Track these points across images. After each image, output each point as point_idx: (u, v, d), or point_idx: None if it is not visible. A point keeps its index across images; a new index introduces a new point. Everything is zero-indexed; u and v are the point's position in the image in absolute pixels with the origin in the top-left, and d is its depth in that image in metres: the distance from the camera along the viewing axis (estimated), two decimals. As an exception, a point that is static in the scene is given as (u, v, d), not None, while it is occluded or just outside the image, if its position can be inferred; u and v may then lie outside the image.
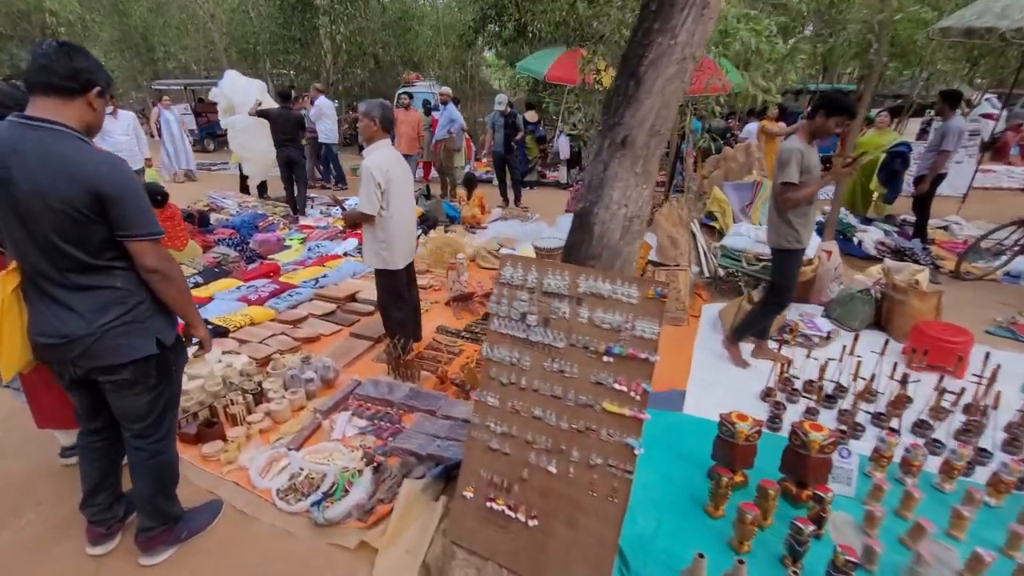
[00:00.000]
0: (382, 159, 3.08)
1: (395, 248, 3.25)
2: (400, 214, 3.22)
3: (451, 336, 4.00)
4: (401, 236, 3.26)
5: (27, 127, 1.54)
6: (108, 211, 1.57)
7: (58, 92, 1.56)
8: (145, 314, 1.75)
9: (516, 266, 2.01)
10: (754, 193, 5.84)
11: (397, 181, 3.15)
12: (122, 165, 1.62)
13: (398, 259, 3.30)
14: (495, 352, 2.04)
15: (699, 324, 4.15)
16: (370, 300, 4.47)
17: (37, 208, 1.53)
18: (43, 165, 1.51)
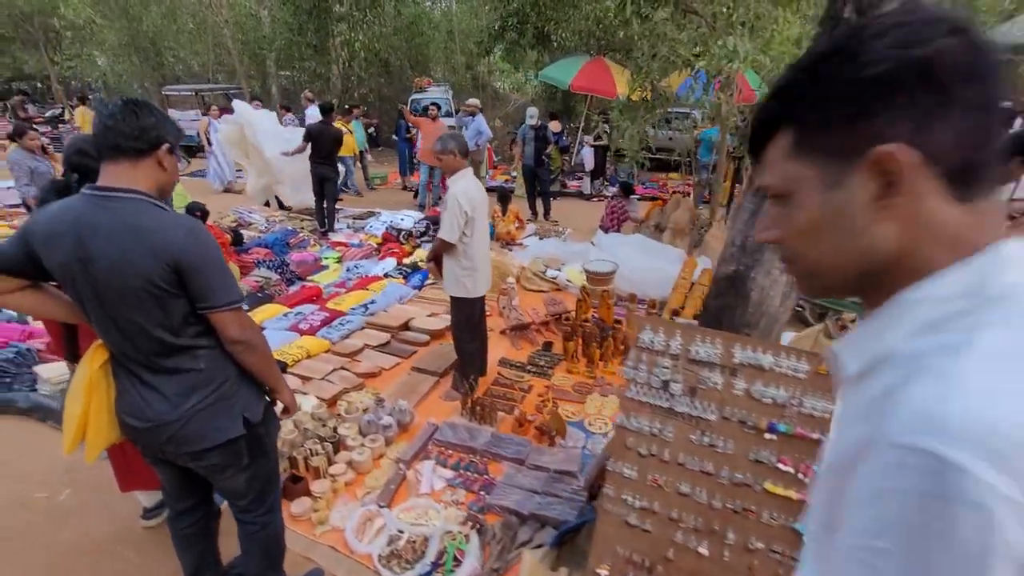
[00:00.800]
0: (468, 187, 3.09)
1: (478, 275, 3.23)
2: (482, 241, 3.22)
3: (516, 370, 3.86)
4: (483, 262, 3.25)
5: (100, 199, 1.41)
6: (188, 282, 1.44)
7: (126, 154, 1.43)
8: (230, 391, 1.62)
9: (658, 331, 1.89)
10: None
11: (480, 208, 3.15)
12: (200, 230, 1.48)
13: (480, 286, 3.27)
14: (632, 421, 1.92)
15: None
16: (424, 329, 4.33)
17: (116, 287, 1.42)
18: (119, 240, 1.39)
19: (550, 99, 13.53)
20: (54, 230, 1.43)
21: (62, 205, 1.47)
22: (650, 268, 4.95)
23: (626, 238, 5.60)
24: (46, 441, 3.07)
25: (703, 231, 5.51)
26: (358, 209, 8.69)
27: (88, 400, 1.59)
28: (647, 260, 5.10)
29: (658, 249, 5.28)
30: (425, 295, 5.12)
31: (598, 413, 3.36)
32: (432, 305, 4.86)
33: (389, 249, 6.14)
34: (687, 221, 5.54)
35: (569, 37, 10.27)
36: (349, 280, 5.49)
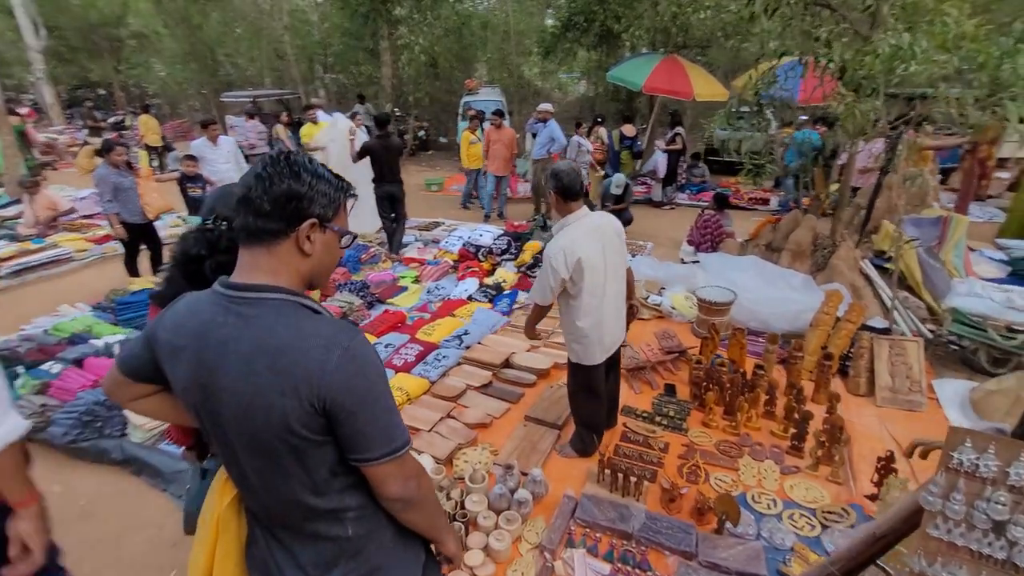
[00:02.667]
0: (571, 242, 2.54)
1: (589, 342, 2.71)
2: (597, 303, 2.65)
3: (643, 421, 3.37)
4: (596, 327, 2.69)
5: (231, 301, 1.01)
6: (339, 427, 1.01)
7: (259, 237, 1.02)
8: (383, 561, 1.18)
9: (985, 450, 1.36)
10: (942, 231, 5.01)
11: (592, 266, 2.58)
12: (359, 348, 1.02)
13: (594, 353, 2.75)
14: (939, 569, 1.40)
15: (942, 408, 3.41)
16: (529, 367, 3.89)
17: (244, 431, 1.01)
18: (248, 366, 0.98)
19: (612, 99, 12.95)
20: (175, 342, 1.04)
21: (189, 304, 1.07)
22: (775, 298, 4.36)
23: (738, 260, 5.01)
24: (145, 505, 2.77)
25: (826, 252, 4.87)
26: (421, 219, 8.37)
27: (214, 544, 1.19)
28: (769, 288, 4.51)
29: (780, 274, 4.67)
30: (519, 323, 4.68)
31: (759, 485, 2.83)
32: (529, 336, 4.41)
33: (468, 268, 5.74)
34: (809, 242, 4.91)
35: (641, 35, 9.66)
36: (431, 303, 5.11)
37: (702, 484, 2.82)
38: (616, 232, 2.75)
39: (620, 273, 2.80)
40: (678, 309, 4.78)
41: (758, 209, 8.89)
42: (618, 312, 2.83)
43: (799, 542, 2.46)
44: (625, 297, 2.91)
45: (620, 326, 2.87)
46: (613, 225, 2.75)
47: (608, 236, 2.68)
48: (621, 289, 2.83)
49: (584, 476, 2.90)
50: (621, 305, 2.86)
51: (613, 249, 2.70)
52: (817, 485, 2.80)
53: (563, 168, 2.59)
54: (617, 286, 2.79)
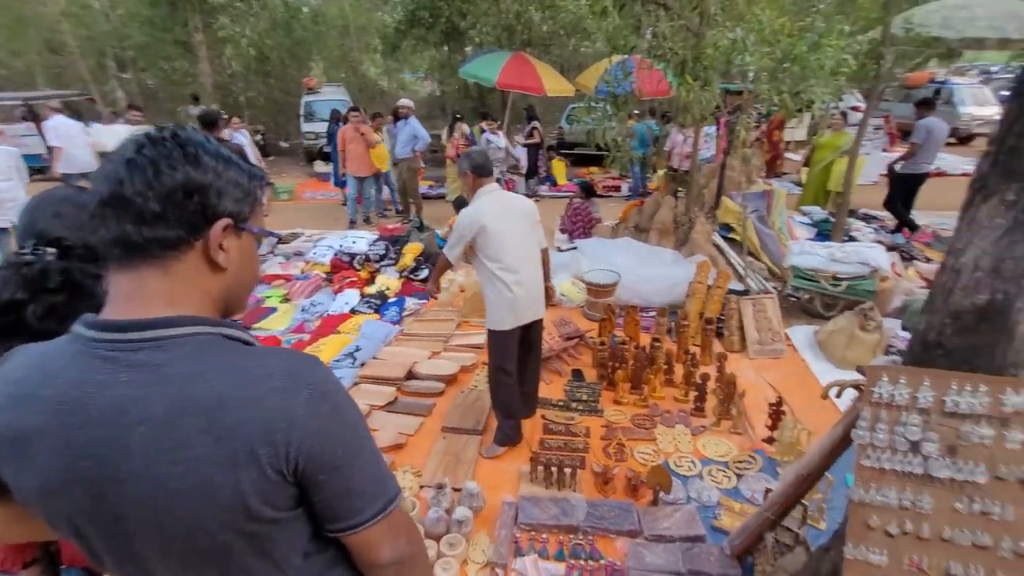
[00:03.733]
0: (474, 208, 2.75)
1: (499, 307, 2.79)
2: (507, 270, 2.73)
3: (559, 410, 3.36)
4: (506, 294, 2.74)
5: (115, 350, 0.67)
6: (317, 491, 0.73)
7: (145, 252, 0.69)
8: None
9: (898, 380, 1.53)
10: (768, 202, 5.86)
11: (503, 231, 2.71)
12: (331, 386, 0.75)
13: (503, 319, 2.80)
14: (874, 494, 1.55)
15: (798, 352, 3.97)
16: (435, 375, 3.65)
17: (174, 536, 0.69)
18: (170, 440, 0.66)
19: (464, 97, 12.95)
20: (17, 427, 0.67)
21: (33, 364, 0.70)
22: (652, 275, 4.69)
23: (613, 243, 5.31)
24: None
25: (685, 229, 5.39)
26: (277, 231, 7.49)
27: None
28: (645, 266, 4.84)
29: (651, 252, 5.05)
30: (412, 330, 4.39)
31: (676, 450, 2.99)
32: (427, 342, 4.16)
33: (345, 279, 5.24)
34: (671, 220, 5.39)
35: (487, 31, 9.76)
36: (308, 322, 4.56)
37: (629, 460, 2.89)
38: (527, 210, 2.86)
39: (532, 248, 2.85)
40: (567, 295, 4.90)
41: (612, 196, 9.62)
42: (532, 285, 2.83)
43: (722, 495, 2.64)
44: (542, 275, 2.91)
45: (535, 299, 2.86)
46: (525, 204, 2.90)
47: (519, 211, 2.82)
48: (533, 263, 2.85)
49: (517, 478, 2.78)
50: (536, 280, 2.86)
51: (524, 224, 2.82)
52: (723, 439, 3.05)
53: (473, 151, 2.91)
54: (528, 259, 2.82)
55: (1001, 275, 1.48)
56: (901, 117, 13.40)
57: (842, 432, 1.83)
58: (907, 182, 6.26)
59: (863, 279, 4.12)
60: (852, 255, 4.20)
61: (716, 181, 6.08)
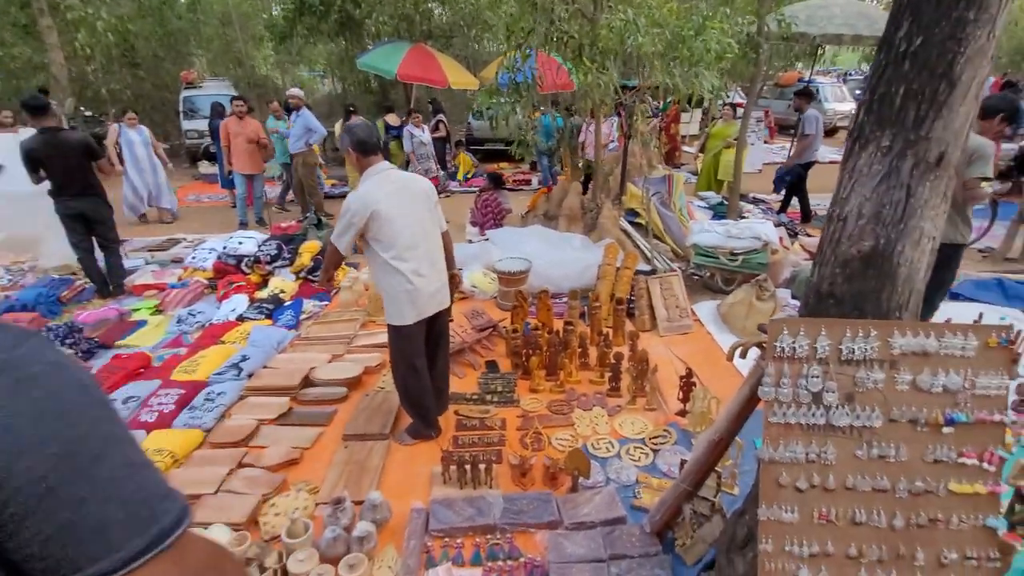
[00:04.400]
0: (363, 191, 2.48)
1: (399, 301, 2.56)
2: (404, 260, 2.51)
3: (474, 403, 3.17)
4: (405, 285, 2.53)
5: None
6: (24, 524, 0.46)
7: None
8: None
9: (798, 332, 1.51)
10: (669, 187, 6.07)
11: (397, 215, 2.47)
12: (42, 364, 0.50)
13: (405, 313, 2.57)
14: (782, 451, 1.52)
15: (704, 326, 4.08)
16: (334, 379, 3.31)
17: None
18: None
19: (365, 92, 12.34)
20: None
21: None
22: (562, 260, 4.65)
23: (525, 231, 5.22)
24: None
25: (593, 214, 5.43)
26: (153, 238, 6.63)
27: None
28: (555, 252, 4.79)
29: (561, 238, 5.02)
30: (312, 334, 3.99)
31: (594, 432, 2.91)
32: (328, 345, 3.79)
33: (231, 284, 4.69)
34: (578, 206, 5.40)
35: (384, 21, 9.32)
36: (187, 334, 4.01)
37: (547, 448, 2.77)
38: (424, 191, 2.62)
39: (432, 233, 2.64)
40: (479, 287, 4.73)
41: (523, 189, 9.61)
42: (433, 273, 2.62)
43: (640, 472, 2.59)
44: (444, 262, 2.70)
45: (438, 289, 2.65)
46: (421, 184, 2.65)
47: (415, 194, 2.58)
48: (434, 249, 2.64)
49: (429, 481, 2.56)
50: (437, 267, 2.65)
51: (420, 206, 2.58)
52: (639, 417, 3.02)
53: (355, 124, 2.55)
54: (428, 245, 2.61)
55: (882, 221, 1.50)
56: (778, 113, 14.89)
57: (748, 392, 1.81)
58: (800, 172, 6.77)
59: (756, 252, 4.34)
60: (746, 230, 4.42)
61: (620, 168, 6.21)
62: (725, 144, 7.66)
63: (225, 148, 6.93)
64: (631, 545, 2.09)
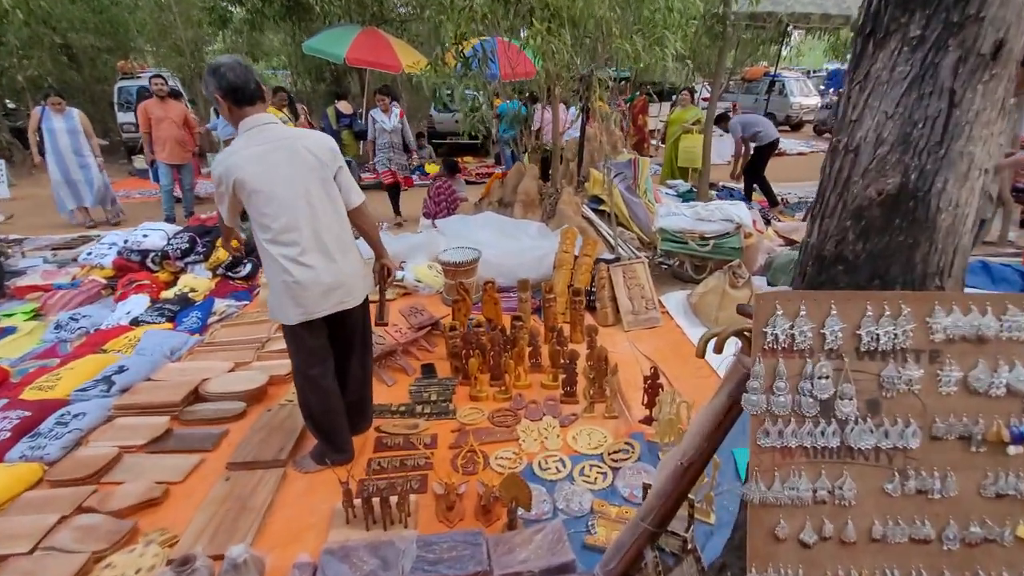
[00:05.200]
0: (228, 155, 1.94)
1: (279, 294, 2.03)
2: (285, 244, 1.97)
3: (401, 416, 2.63)
4: (285, 277, 1.98)
5: None
6: None
7: None
8: None
9: (796, 312, 1.02)
10: (634, 171, 5.64)
11: (263, 192, 1.92)
12: None
13: (287, 310, 2.03)
14: (778, 488, 1.03)
15: (673, 319, 3.63)
16: (230, 392, 2.72)
17: None
18: None
19: (318, 81, 11.62)
20: None
21: None
22: (517, 249, 4.15)
23: (477, 218, 4.70)
24: None
25: (552, 200, 4.94)
26: (61, 236, 5.87)
27: None
28: (509, 240, 4.29)
29: (516, 226, 4.51)
30: (219, 339, 3.38)
31: (542, 448, 2.41)
32: (236, 351, 3.20)
33: (133, 282, 4.03)
34: (536, 191, 4.90)
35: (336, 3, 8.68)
36: (65, 343, 3.35)
37: (483, 472, 2.24)
38: (317, 152, 2.01)
39: (325, 210, 2.04)
40: (424, 281, 4.19)
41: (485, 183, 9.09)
42: (328, 264, 2.04)
43: (596, 497, 2.09)
44: (349, 249, 2.11)
45: (337, 283, 2.07)
46: (310, 143, 2.01)
47: (298, 157, 1.97)
48: (328, 232, 2.05)
49: (328, 520, 2.00)
50: (336, 256, 2.07)
51: (307, 175, 1.98)
52: (597, 427, 2.52)
53: (225, 61, 1.92)
54: (318, 225, 2.02)
55: (912, 147, 1.02)
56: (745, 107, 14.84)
57: (726, 401, 1.31)
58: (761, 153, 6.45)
59: (728, 236, 3.91)
60: (716, 212, 3.99)
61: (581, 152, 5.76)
62: (684, 129, 7.33)
63: (145, 134, 6.20)
64: (579, 604, 1.58)
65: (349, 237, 2.15)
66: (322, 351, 2.14)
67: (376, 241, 2.31)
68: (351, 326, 2.24)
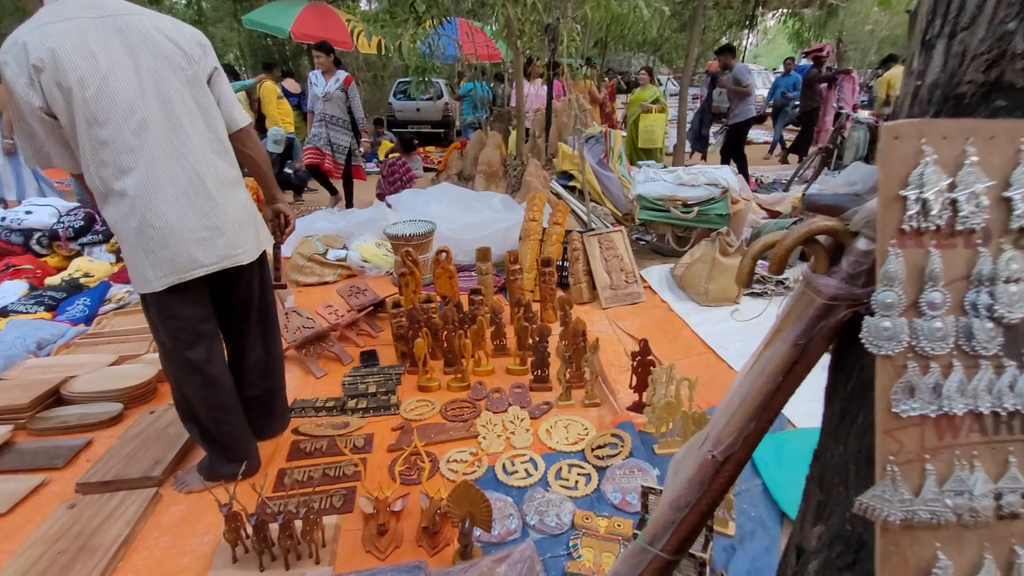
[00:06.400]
0: (35, 24, 1.28)
1: (127, 243, 1.43)
2: (125, 164, 1.36)
3: (328, 414, 2.07)
4: (128, 218, 1.40)
5: None
6: None
7: None
8: None
9: (956, 149, 0.53)
10: (606, 145, 5.21)
11: (86, 82, 1.29)
12: None
13: (143, 271, 1.45)
14: (933, 495, 0.54)
15: (657, 294, 3.18)
16: (100, 391, 2.10)
17: None
18: None
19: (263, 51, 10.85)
20: None
21: None
22: (478, 222, 3.63)
23: (431, 191, 4.17)
24: None
25: (517, 172, 4.45)
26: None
27: None
28: (470, 214, 3.77)
29: (477, 198, 4.00)
30: (109, 328, 2.74)
31: (508, 447, 1.89)
32: (128, 342, 2.57)
33: (9, 267, 3.31)
34: (499, 161, 4.39)
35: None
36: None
37: (428, 481, 1.71)
38: (179, 41, 1.42)
39: (202, 125, 1.48)
40: (371, 261, 3.62)
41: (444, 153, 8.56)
42: (199, 203, 1.47)
43: (579, 507, 1.58)
44: (226, 177, 1.54)
45: (213, 230, 1.49)
46: (174, 27, 1.44)
47: (158, 46, 1.38)
48: (207, 155, 1.49)
49: (208, 559, 1.43)
50: (210, 193, 1.49)
51: (174, 74, 1.41)
52: (576, 417, 2.03)
53: None
54: (191, 143, 1.44)
55: None
56: (712, 101, 14.85)
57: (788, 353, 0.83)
58: (739, 131, 6.16)
59: (714, 202, 3.50)
60: (700, 176, 3.58)
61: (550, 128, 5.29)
62: (643, 108, 7.00)
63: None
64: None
65: (234, 171, 1.58)
66: (204, 325, 1.57)
67: (267, 177, 1.74)
68: (244, 295, 1.67)
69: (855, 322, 0.73)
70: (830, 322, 0.79)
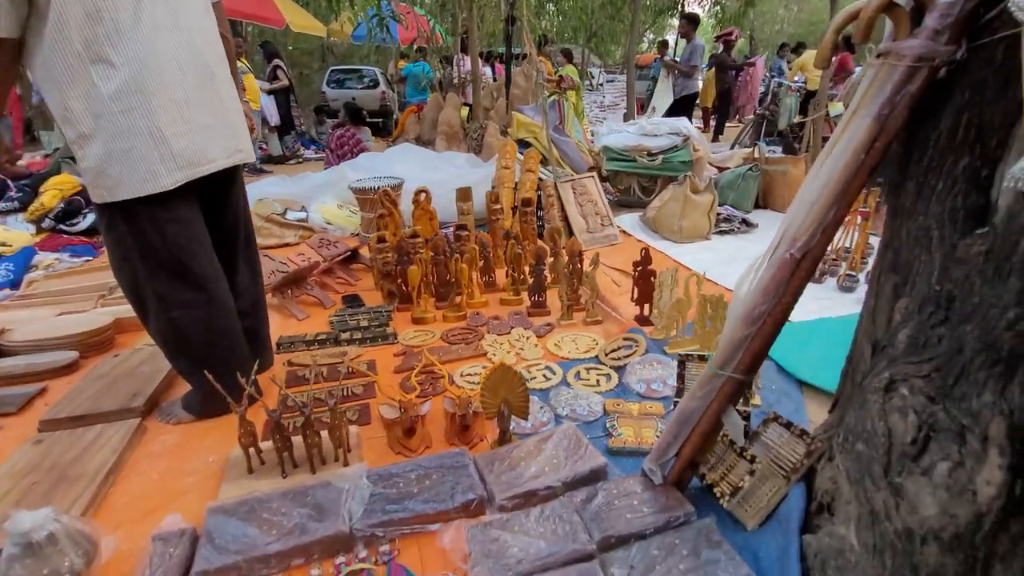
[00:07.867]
0: None
1: (128, 139, 1.20)
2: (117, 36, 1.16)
3: (318, 347, 1.93)
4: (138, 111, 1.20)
5: None
6: None
7: None
8: None
9: None
10: (559, 113, 5.27)
11: None
12: None
13: (154, 164, 1.24)
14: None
15: (632, 235, 3.24)
16: (43, 339, 1.84)
17: None
18: None
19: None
20: None
21: None
22: (444, 180, 3.54)
23: (393, 151, 4.03)
24: None
25: (477, 135, 4.40)
26: None
27: None
28: (435, 173, 3.67)
29: (440, 158, 3.91)
30: (43, 289, 2.41)
31: (519, 360, 1.84)
32: (70, 300, 2.27)
33: None
34: (459, 123, 4.32)
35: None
36: None
37: (449, 389, 1.63)
38: None
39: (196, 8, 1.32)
40: (335, 223, 3.44)
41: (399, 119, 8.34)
42: (204, 87, 1.31)
43: (606, 399, 1.56)
44: (224, 61, 1.41)
45: (224, 120, 1.35)
46: None
47: None
48: (207, 30, 1.35)
49: (219, 475, 1.28)
50: (222, 71, 1.36)
51: None
52: (581, 333, 2.01)
53: None
54: (190, 17, 1.29)
55: None
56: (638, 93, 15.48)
57: (874, 121, 0.85)
58: (686, 103, 6.43)
59: (677, 150, 3.62)
60: (662, 126, 3.70)
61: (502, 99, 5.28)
62: None
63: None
64: (636, 515, 1.04)
65: (223, 48, 1.43)
66: (206, 237, 1.40)
67: (233, 67, 1.55)
68: (233, 210, 1.52)
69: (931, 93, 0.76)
70: (911, 88, 0.81)
